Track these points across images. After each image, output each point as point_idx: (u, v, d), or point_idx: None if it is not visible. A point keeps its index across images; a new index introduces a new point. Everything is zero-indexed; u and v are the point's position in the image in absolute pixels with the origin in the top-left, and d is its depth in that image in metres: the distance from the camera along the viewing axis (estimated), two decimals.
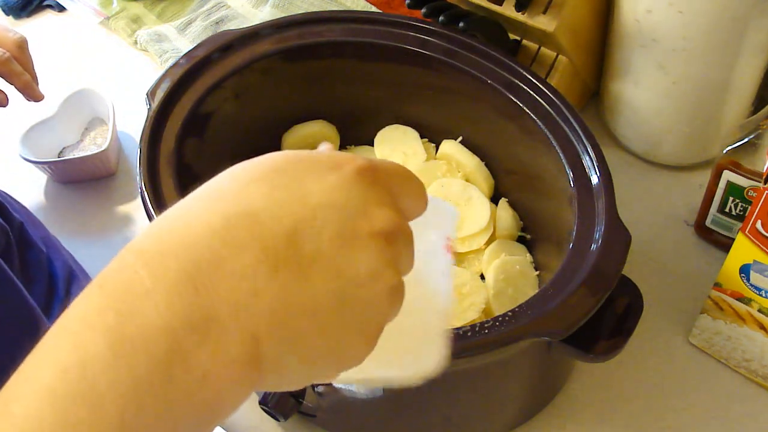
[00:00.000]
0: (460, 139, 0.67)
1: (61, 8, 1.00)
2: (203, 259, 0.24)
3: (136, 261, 0.25)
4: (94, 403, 0.22)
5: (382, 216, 0.28)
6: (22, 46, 0.67)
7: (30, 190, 0.78)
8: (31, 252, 0.60)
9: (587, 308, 0.45)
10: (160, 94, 0.57)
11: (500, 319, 0.44)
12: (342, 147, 0.70)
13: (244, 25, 0.71)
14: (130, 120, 0.81)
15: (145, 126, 0.55)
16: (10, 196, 0.65)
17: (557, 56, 0.70)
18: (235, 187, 0.27)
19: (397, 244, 0.28)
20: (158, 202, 0.51)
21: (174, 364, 0.23)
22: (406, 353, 0.36)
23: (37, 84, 0.69)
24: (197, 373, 0.24)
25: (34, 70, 0.69)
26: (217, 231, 0.25)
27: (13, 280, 0.52)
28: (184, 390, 0.23)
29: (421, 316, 0.36)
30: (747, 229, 0.50)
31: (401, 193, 0.30)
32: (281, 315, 0.25)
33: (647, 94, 0.68)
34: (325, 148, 0.32)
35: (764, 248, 0.50)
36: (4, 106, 0.67)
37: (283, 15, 0.89)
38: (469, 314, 0.55)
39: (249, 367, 0.25)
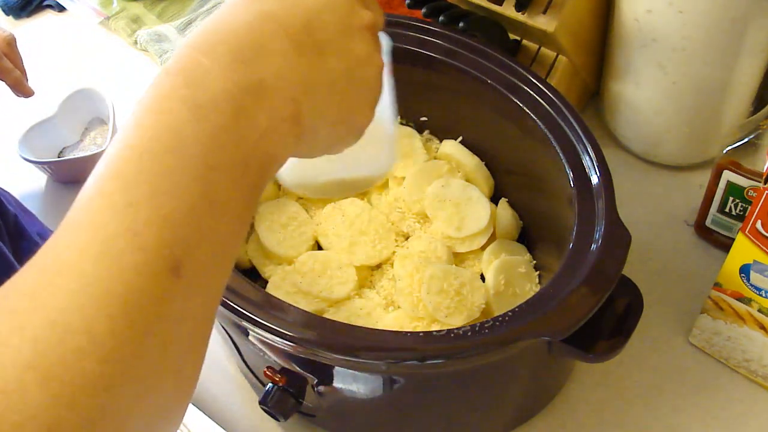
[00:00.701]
0: (460, 139, 0.67)
1: (61, 8, 1.00)
2: (246, 44, 0.31)
3: (193, 51, 0.30)
4: (182, 153, 0.28)
5: (366, 15, 0.36)
6: (11, 43, 0.67)
7: (30, 190, 0.78)
8: (24, 242, 0.61)
9: (587, 308, 0.45)
10: None
11: (500, 319, 0.44)
12: None
13: None
14: None
15: None
16: (5, 191, 0.66)
17: (557, 56, 0.70)
18: (250, 1, 0.33)
19: (377, 37, 0.37)
20: None
21: (241, 120, 0.29)
22: (359, 156, 0.44)
23: (27, 80, 0.70)
24: (260, 129, 0.30)
25: (23, 66, 0.69)
26: (250, 25, 0.31)
27: (11, 260, 0.54)
28: (251, 140, 0.30)
29: (377, 127, 0.43)
30: (747, 229, 0.50)
31: (370, 5, 0.38)
32: (311, 84, 0.32)
33: (647, 94, 0.68)
34: None
35: (764, 248, 0.50)
36: None
37: None
38: (469, 314, 0.55)
39: (294, 124, 0.32)
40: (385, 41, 0.43)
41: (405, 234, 0.63)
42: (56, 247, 0.26)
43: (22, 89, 0.69)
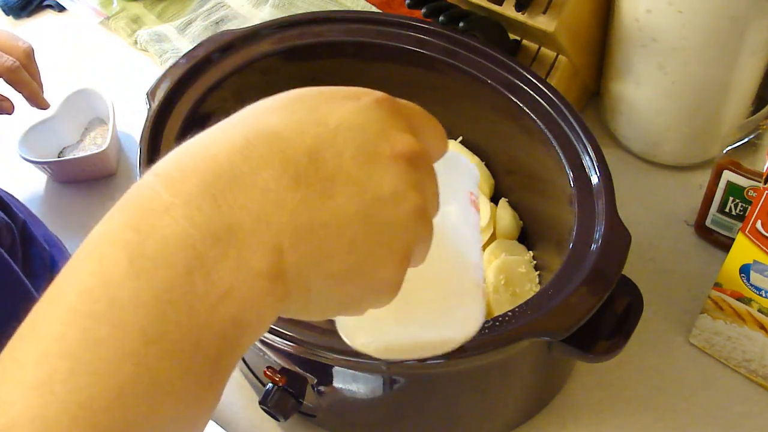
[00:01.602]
0: (460, 139, 0.67)
1: (61, 8, 1.00)
2: (224, 173, 0.24)
3: (155, 180, 0.24)
4: (116, 320, 0.22)
5: (404, 139, 0.27)
6: (30, 55, 0.67)
7: (30, 190, 0.78)
8: (34, 249, 0.61)
9: (587, 308, 0.45)
10: (160, 94, 0.57)
11: (500, 319, 0.44)
12: None
13: (244, 25, 0.71)
14: (130, 120, 0.81)
15: (145, 126, 0.55)
16: (12, 197, 0.66)
17: (557, 56, 0.70)
18: (254, 114, 0.27)
19: (420, 171, 0.28)
20: None
21: (195, 278, 0.23)
22: (442, 312, 0.35)
23: (43, 92, 0.70)
24: (220, 287, 0.23)
25: (40, 78, 0.69)
26: (237, 148, 0.25)
27: (19, 275, 0.53)
28: (207, 304, 0.23)
29: (455, 273, 0.35)
30: (747, 229, 0.50)
31: (421, 129, 0.29)
32: (305, 228, 0.25)
33: (647, 94, 0.68)
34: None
35: (764, 248, 0.50)
36: (10, 114, 0.68)
37: (283, 15, 0.89)
38: None
39: (273, 282, 0.24)
40: (469, 170, 0.37)
41: None
42: None
43: (38, 102, 0.69)
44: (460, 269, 0.36)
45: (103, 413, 0.21)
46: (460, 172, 0.36)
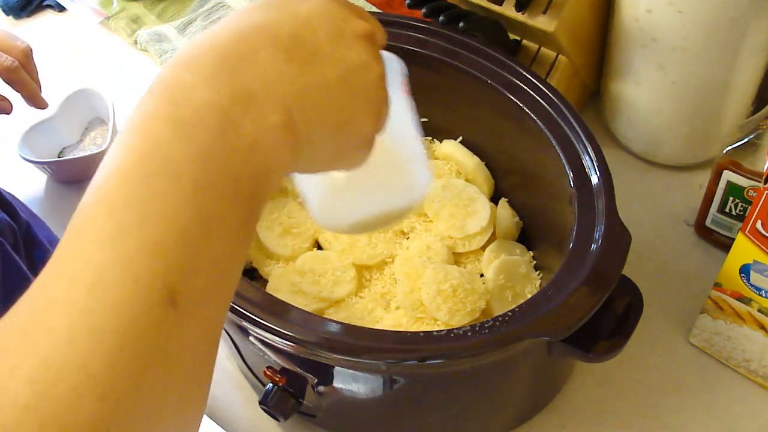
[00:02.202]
0: (460, 139, 0.67)
1: (61, 8, 1.00)
2: (231, 55, 0.30)
3: (175, 68, 0.29)
4: (171, 174, 0.26)
5: (361, 22, 0.34)
6: (28, 54, 0.67)
7: (30, 190, 0.78)
8: (37, 251, 0.61)
9: (587, 308, 0.45)
10: None
11: (500, 319, 0.44)
12: None
13: None
14: None
15: None
16: (16, 198, 0.66)
17: (557, 56, 0.70)
18: (238, 16, 0.32)
19: (376, 47, 0.35)
20: None
21: (228, 132, 0.28)
22: (397, 180, 0.42)
23: (41, 91, 0.70)
24: (248, 139, 0.28)
25: (38, 78, 0.69)
26: (236, 38, 0.31)
27: (27, 274, 0.53)
28: (240, 153, 0.28)
29: (401, 147, 0.42)
30: (747, 229, 0.50)
31: (368, 19, 0.36)
32: (303, 90, 0.31)
33: (647, 94, 0.68)
34: None
35: (764, 248, 0.50)
36: (8, 114, 0.68)
37: None
38: (469, 314, 0.55)
39: (287, 132, 0.30)
40: (398, 64, 0.43)
41: (405, 234, 0.63)
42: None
43: (37, 102, 0.69)
44: (405, 142, 0.42)
45: (172, 250, 0.26)
46: (389, 66, 0.40)
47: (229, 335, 0.54)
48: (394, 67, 0.42)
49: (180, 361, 0.26)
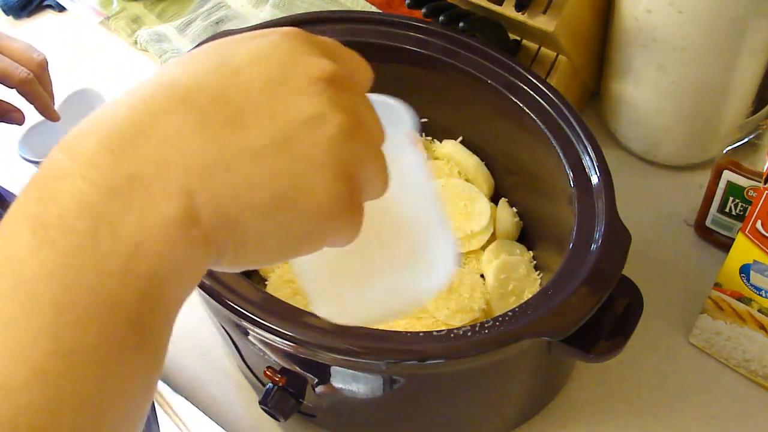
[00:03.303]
0: (460, 139, 0.67)
1: (61, 8, 1.00)
2: (124, 128, 0.23)
3: (58, 149, 0.24)
4: (24, 296, 0.21)
5: (320, 62, 0.26)
6: (44, 67, 0.68)
7: None
8: None
9: (587, 308, 0.45)
10: None
11: (500, 319, 0.44)
12: None
13: (244, 25, 0.71)
14: None
15: None
16: (14, 195, 0.65)
17: (557, 56, 0.70)
18: (160, 72, 0.26)
19: (346, 92, 0.26)
20: None
21: (101, 237, 0.22)
22: (414, 257, 0.33)
23: (54, 103, 0.70)
24: (128, 243, 0.22)
25: (52, 90, 0.70)
26: (138, 102, 0.24)
27: None
28: (117, 263, 0.22)
29: (413, 218, 0.33)
30: (747, 229, 0.50)
31: (339, 57, 0.27)
32: (215, 165, 0.24)
33: (647, 94, 0.68)
34: None
35: (764, 248, 0.50)
36: (20, 125, 0.68)
37: (283, 15, 0.89)
38: (469, 314, 0.55)
39: (186, 227, 0.23)
40: (405, 113, 0.35)
41: None
42: None
43: (49, 114, 0.70)
44: (417, 211, 0.34)
45: (24, 391, 0.20)
46: (391, 114, 0.33)
47: (229, 335, 0.54)
48: (401, 118, 0.35)
49: None
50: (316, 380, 0.48)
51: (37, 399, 0.20)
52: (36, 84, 0.66)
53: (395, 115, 0.34)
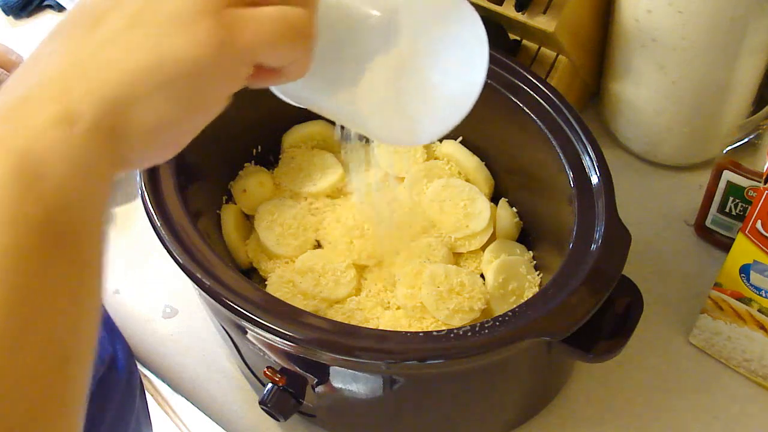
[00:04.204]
0: (460, 139, 0.67)
1: (61, 8, 1.00)
2: (20, 71, 0.27)
3: None
4: None
5: None
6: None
7: None
8: None
9: (587, 308, 0.45)
10: None
11: (500, 319, 0.44)
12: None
13: None
14: None
15: None
16: None
17: (557, 56, 0.70)
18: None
19: None
20: (158, 202, 0.51)
21: None
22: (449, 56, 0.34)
23: None
24: (17, 151, 0.24)
25: None
26: (33, 53, 0.28)
27: None
28: (9, 172, 0.23)
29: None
30: (747, 229, 0.50)
31: None
32: (82, 63, 0.26)
33: (647, 94, 0.68)
34: None
35: (764, 248, 0.50)
36: None
37: None
38: (469, 314, 0.55)
39: (68, 124, 0.25)
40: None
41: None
42: None
43: None
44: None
45: None
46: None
47: (229, 335, 0.54)
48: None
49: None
50: (316, 380, 0.48)
51: None
52: None
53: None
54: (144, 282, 0.68)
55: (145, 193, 0.51)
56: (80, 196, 0.25)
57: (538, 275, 0.60)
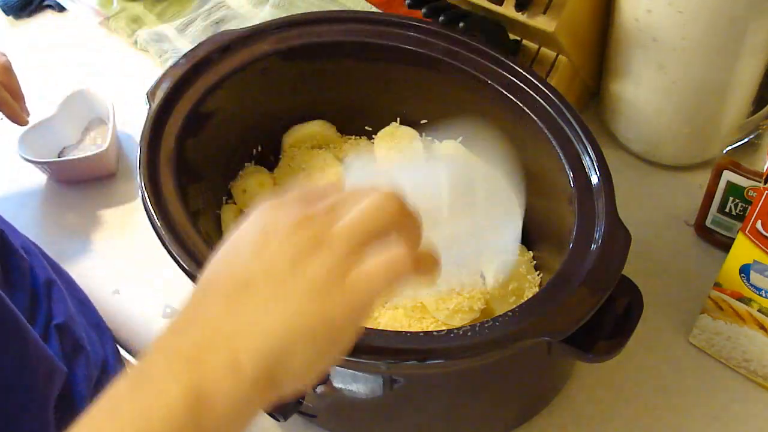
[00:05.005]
0: (460, 139, 0.67)
1: (61, 8, 1.00)
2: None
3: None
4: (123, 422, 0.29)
5: (292, 211, 0.33)
6: (8, 69, 0.66)
7: (30, 190, 0.78)
8: (13, 258, 0.59)
9: (587, 308, 0.45)
10: (160, 94, 0.57)
11: (500, 319, 0.44)
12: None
13: (244, 25, 0.71)
14: (130, 120, 0.81)
15: (145, 126, 0.55)
16: (16, 230, 0.64)
17: (557, 56, 0.70)
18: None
19: (319, 225, 0.33)
20: (158, 202, 0.51)
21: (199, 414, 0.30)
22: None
23: (24, 102, 0.69)
24: (192, 393, 0.30)
25: (21, 92, 0.69)
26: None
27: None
28: (182, 405, 0.30)
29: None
30: (747, 229, 0.50)
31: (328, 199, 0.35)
32: (244, 325, 0.32)
33: (647, 94, 0.68)
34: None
35: (764, 248, 0.50)
36: (24, 125, 0.68)
37: (283, 15, 0.89)
38: (469, 314, 0.55)
39: (235, 372, 0.31)
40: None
41: None
42: None
43: (18, 120, 0.69)
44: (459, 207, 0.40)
45: None
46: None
47: None
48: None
49: None
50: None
51: None
52: (1, 90, 0.65)
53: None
54: (144, 282, 0.68)
55: (145, 193, 0.51)
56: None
57: (538, 275, 0.60)
